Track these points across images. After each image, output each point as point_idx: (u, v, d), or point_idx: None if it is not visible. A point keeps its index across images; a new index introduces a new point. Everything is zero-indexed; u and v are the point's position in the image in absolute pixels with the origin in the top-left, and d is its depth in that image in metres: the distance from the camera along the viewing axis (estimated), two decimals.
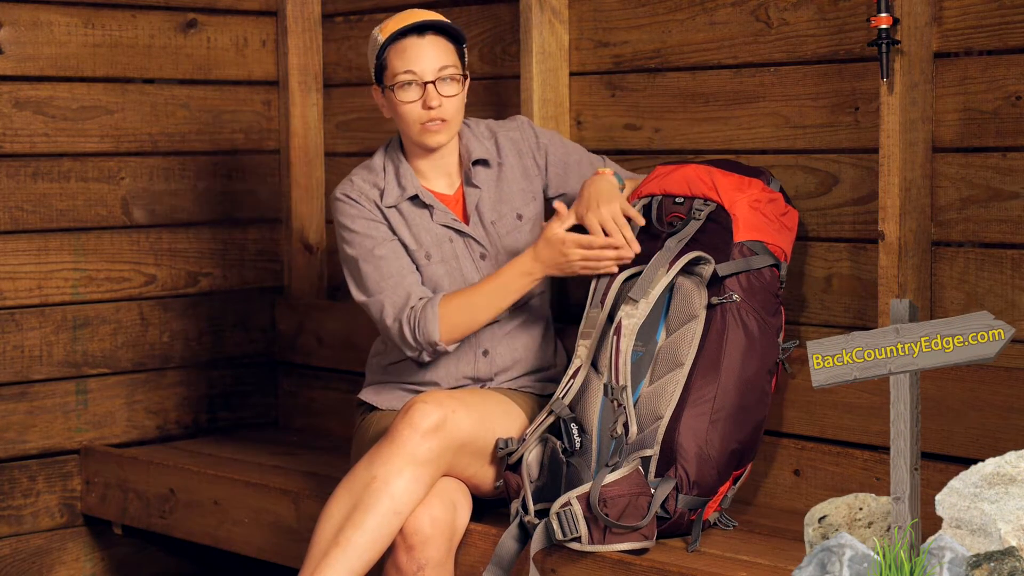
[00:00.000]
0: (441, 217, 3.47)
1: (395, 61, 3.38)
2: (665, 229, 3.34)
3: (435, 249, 3.46)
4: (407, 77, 3.37)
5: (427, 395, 3.24)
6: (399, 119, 3.43)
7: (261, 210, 4.58)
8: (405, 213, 3.47)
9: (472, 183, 3.49)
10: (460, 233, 3.47)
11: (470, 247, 3.48)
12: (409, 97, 3.38)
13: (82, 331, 4.24)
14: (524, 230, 3.51)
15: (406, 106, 3.38)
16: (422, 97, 3.37)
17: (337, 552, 3.12)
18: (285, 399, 4.61)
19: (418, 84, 3.37)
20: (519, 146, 3.55)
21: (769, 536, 3.24)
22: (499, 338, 3.49)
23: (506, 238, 3.49)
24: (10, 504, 4.15)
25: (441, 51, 3.38)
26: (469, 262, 3.47)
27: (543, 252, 3.32)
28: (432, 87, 3.37)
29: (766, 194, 3.31)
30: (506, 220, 3.50)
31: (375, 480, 3.15)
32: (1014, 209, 3.22)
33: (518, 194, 3.53)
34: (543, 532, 3.06)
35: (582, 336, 3.26)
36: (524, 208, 3.52)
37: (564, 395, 3.23)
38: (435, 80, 3.37)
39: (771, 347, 3.25)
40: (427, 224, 3.47)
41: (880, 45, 3.22)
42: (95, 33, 4.24)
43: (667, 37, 3.75)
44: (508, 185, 3.52)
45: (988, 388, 3.14)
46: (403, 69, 3.37)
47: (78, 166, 4.23)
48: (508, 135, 3.56)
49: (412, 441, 3.16)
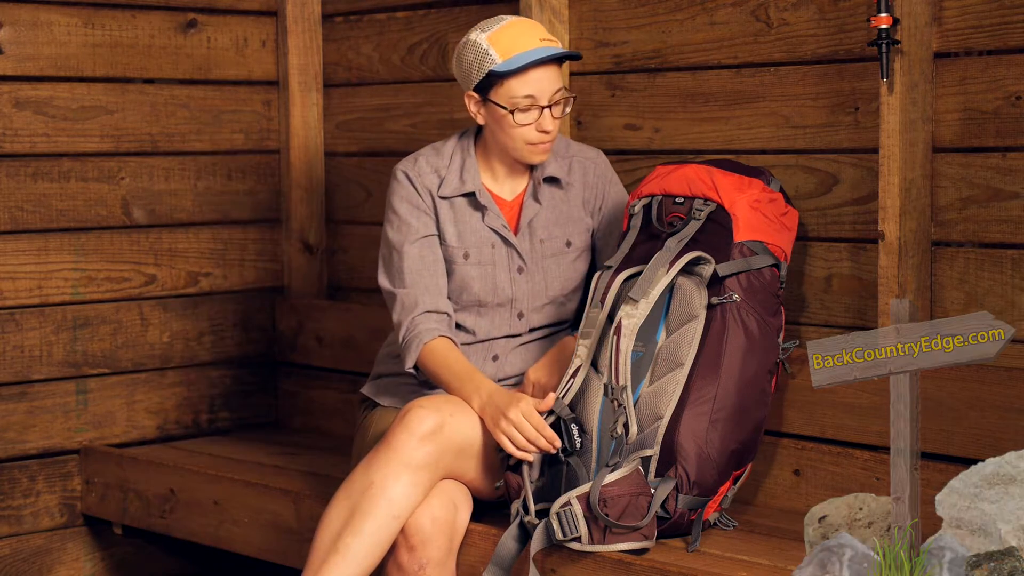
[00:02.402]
0: (492, 220, 3.46)
1: (515, 85, 3.33)
2: (665, 229, 3.33)
3: (475, 250, 3.45)
4: (527, 102, 3.34)
5: (424, 400, 3.24)
6: (503, 135, 3.39)
7: (261, 210, 4.58)
8: (457, 208, 3.46)
9: (536, 198, 3.49)
10: (505, 241, 3.47)
11: (511, 258, 3.47)
12: (527, 120, 3.35)
13: (82, 331, 4.24)
14: (569, 258, 3.50)
15: (521, 129, 3.37)
16: (537, 120, 3.36)
17: (336, 559, 3.12)
18: (285, 399, 4.61)
19: (536, 107, 3.35)
20: (588, 177, 3.54)
21: (769, 536, 3.24)
22: (513, 348, 3.49)
23: (549, 260, 3.48)
24: (10, 504, 4.15)
25: (556, 74, 3.37)
26: (505, 272, 3.46)
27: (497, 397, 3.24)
28: (548, 112, 3.35)
29: (766, 194, 3.31)
30: (556, 242, 3.49)
31: (372, 486, 3.15)
32: (1014, 209, 3.22)
33: (576, 221, 3.52)
34: (543, 532, 3.06)
35: (582, 336, 3.26)
36: (576, 237, 3.52)
37: (564, 395, 3.23)
38: (551, 104, 3.36)
39: (771, 347, 3.25)
40: (475, 224, 3.46)
41: (880, 45, 3.22)
42: (95, 33, 4.24)
43: (667, 37, 3.75)
44: (569, 210, 3.51)
45: (988, 388, 3.14)
46: (524, 93, 3.33)
47: (78, 166, 4.23)
48: (583, 161, 3.55)
49: (408, 446, 3.16)
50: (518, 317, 3.48)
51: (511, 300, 3.46)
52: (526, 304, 3.47)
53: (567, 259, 3.50)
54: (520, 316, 3.48)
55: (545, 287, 3.48)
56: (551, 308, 3.50)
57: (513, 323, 3.48)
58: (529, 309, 3.48)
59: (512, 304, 3.47)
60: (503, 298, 3.46)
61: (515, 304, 3.47)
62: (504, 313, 3.47)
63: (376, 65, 4.44)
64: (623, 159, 3.85)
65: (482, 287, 3.45)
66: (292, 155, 4.56)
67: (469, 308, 3.47)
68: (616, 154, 3.86)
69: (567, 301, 3.52)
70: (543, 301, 3.49)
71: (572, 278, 3.51)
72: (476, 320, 3.47)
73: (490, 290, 3.45)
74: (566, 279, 3.50)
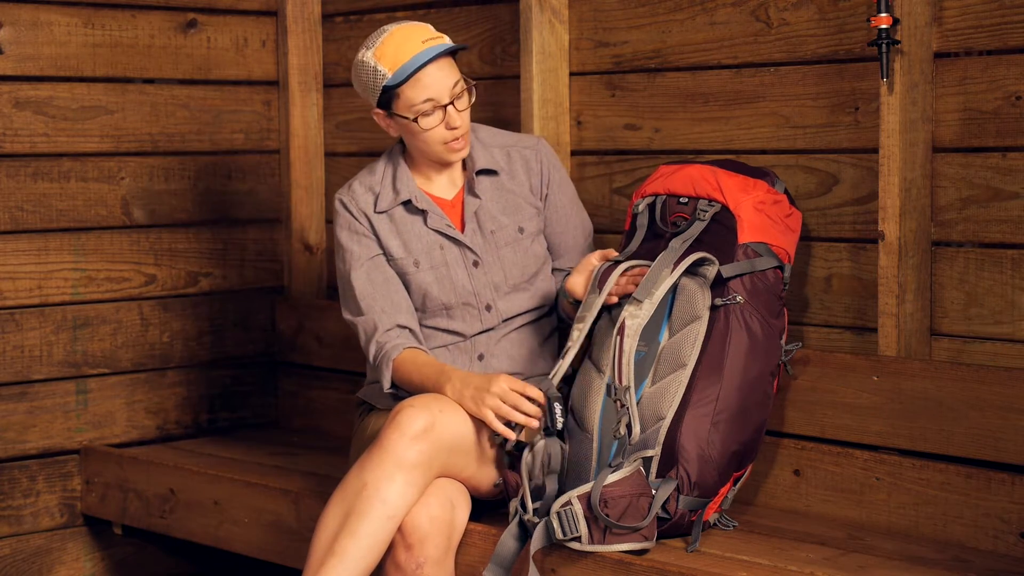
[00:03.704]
0: (435, 222, 3.47)
1: (410, 93, 3.35)
2: (669, 229, 3.33)
3: (424, 256, 3.46)
4: (427, 106, 3.35)
5: (414, 399, 3.25)
6: (418, 141, 3.42)
7: (261, 210, 4.58)
8: (396, 219, 3.48)
9: (474, 192, 3.50)
10: (453, 240, 3.47)
11: (464, 254, 3.48)
12: (432, 123, 3.37)
13: (82, 331, 4.24)
14: (524, 244, 3.51)
15: (429, 132, 3.38)
16: (443, 120, 3.37)
17: (333, 561, 3.13)
18: (285, 399, 4.61)
19: (438, 108, 3.36)
20: (529, 164, 3.55)
21: (769, 536, 3.24)
22: (496, 342, 3.49)
23: (504, 249, 3.50)
24: (10, 504, 4.15)
25: (449, 69, 3.37)
26: (461, 269, 3.47)
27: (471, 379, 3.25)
28: (451, 108, 3.36)
29: (771, 195, 3.31)
30: (507, 231, 3.50)
31: (366, 487, 3.15)
32: (1014, 209, 3.22)
33: (524, 208, 3.53)
34: (543, 531, 3.06)
35: (577, 320, 3.26)
36: (527, 223, 3.53)
37: (553, 375, 3.24)
38: (452, 100, 3.36)
39: (774, 349, 3.25)
40: (419, 230, 3.47)
41: (880, 45, 3.22)
42: (95, 33, 4.23)
43: (667, 37, 3.75)
44: (514, 197, 3.52)
45: (988, 388, 3.14)
46: (422, 99, 3.34)
47: (78, 166, 4.23)
48: (522, 151, 3.56)
49: (400, 446, 3.16)
50: (486, 310, 3.48)
51: (474, 295, 3.47)
52: (489, 296, 3.48)
53: (522, 245, 3.51)
54: (488, 308, 3.48)
55: (504, 276, 3.49)
56: (517, 295, 3.51)
57: (484, 317, 3.48)
58: (495, 300, 3.48)
59: (476, 299, 3.47)
60: (465, 296, 3.47)
61: (479, 298, 3.48)
62: (471, 310, 3.48)
63: None
64: (623, 159, 3.85)
65: (441, 290, 3.46)
66: (292, 155, 4.56)
67: (438, 313, 3.48)
68: (616, 154, 3.87)
69: (531, 285, 3.52)
70: (506, 290, 3.49)
71: (530, 263, 3.52)
72: (449, 323, 3.48)
73: (449, 291, 3.46)
74: (524, 265, 3.51)
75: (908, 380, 3.23)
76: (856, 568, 3.01)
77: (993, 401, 3.13)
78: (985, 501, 3.15)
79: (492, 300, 3.48)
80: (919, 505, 3.24)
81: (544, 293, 3.55)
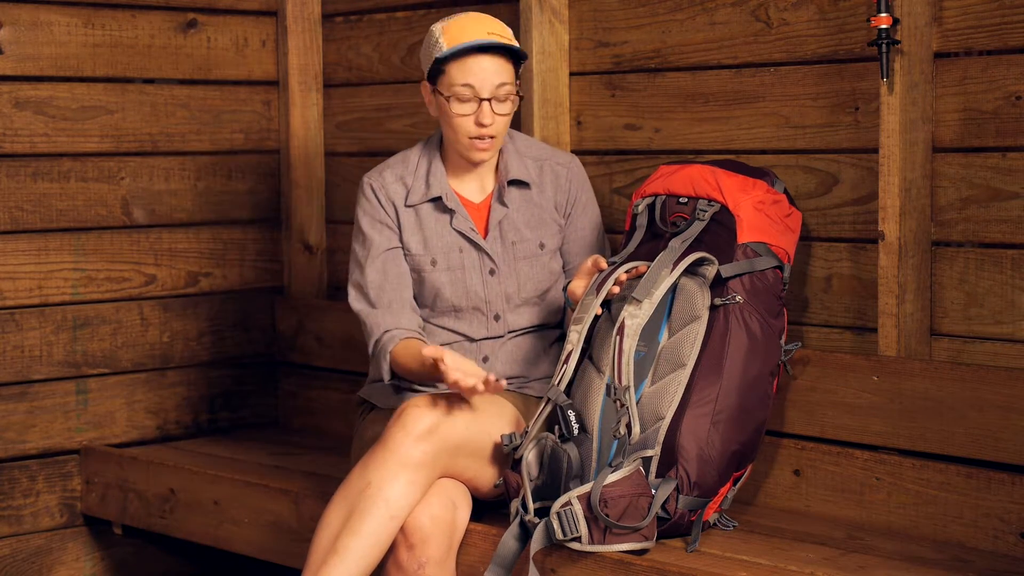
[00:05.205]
0: (460, 224, 3.46)
1: (454, 72, 3.35)
2: (668, 229, 3.33)
3: (442, 256, 3.45)
4: (465, 91, 3.34)
5: (419, 399, 3.24)
6: (447, 126, 3.41)
7: (261, 210, 4.58)
8: (422, 215, 3.47)
9: (502, 201, 3.49)
10: (474, 244, 3.47)
11: (482, 261, 3.47)
12: (464, 110, 3.36)
13: (82, 331, 4.24)
14: (543, 260, 3.51)
15: (459, 118, 3.37)
16: (476, 112, 3.36)
17: (335, 559, 3.12)
18: (285, 399, 4.61)
19: (475, 99, 3.36)
20: (559, 180, 3.54)
21: (769, 536, 3.24)
22: (501, 346, 3.49)
23: (522, 262, 3.49)
24: (10, 504, 4.15)
25: (501, 68, 3.36)
26: (477, 275, 3.47)
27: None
28: (488, 104, 3.35)
29: (770, 195, 3.31)
30: (528, 245, 3.50)
31: (370, 486, 3.15)
32: (1014, 209, 3.22)
33: (548, 224, 3.52)
34: (543, 532, 3.06)
35: (574, 322, 3.26)
36: (549, 239, 3.52)
37: (559, 381, 3.23)
38: (491, 98, 3.36)
39: (773, 349, 3.25)
40: (442, 229, 3.46)
41: (880, 45, 3.22)
42: (95, 33, 4.24)
43: (667, 37, 3.75)
44: (540, 212, 3.52)
45: (988, 388, 3.14)
46: (462, 82, 3.34)
47: (78, 166, 4.23)
48: (554, 166, 3.55)
49: (405, 445, 3.16)
50: (495, 319, 3.48)
51: (485, 303, 3.47)
52: (500, 306, 3.48)
53: (540, 261, 3.50)
54: (497, 318, 3.48)
55: (518, 289, 3.48)
56: (527, 309, 3.50)
57: (491, 326, 3.48)
58: (504, 311, 3.48)
59: (487, 307, 3.47)
60: (476, 301, 3.46)
61: (489, 307, 3.47)
62: (480, 316, 3.48)
63: (376, 65, 4.44)
64: (623, 159, 3.85)
65: (453, 292, 3.45)
66: (292, 155, 4.56)
67: (446, 313, 3.48)
68: (616, 154, 3.86)
69: (543, 301, 3.51)
70: (517, 303, 3.49)
71: (545, 279, 3.51)
72: (456, 323, 3.48)
73: (462, 294, 3.45)
74: (539, 280, 3.50)
75: (908, 380, 3.23)
76: (856, 568, 3.01)
77: (993, 401, 3.13)
78: (985, 501, 3.15)
79: (502, 311, 3.48)
80: (919, 505, 3.24)
81: (553, 309, 3.54)
